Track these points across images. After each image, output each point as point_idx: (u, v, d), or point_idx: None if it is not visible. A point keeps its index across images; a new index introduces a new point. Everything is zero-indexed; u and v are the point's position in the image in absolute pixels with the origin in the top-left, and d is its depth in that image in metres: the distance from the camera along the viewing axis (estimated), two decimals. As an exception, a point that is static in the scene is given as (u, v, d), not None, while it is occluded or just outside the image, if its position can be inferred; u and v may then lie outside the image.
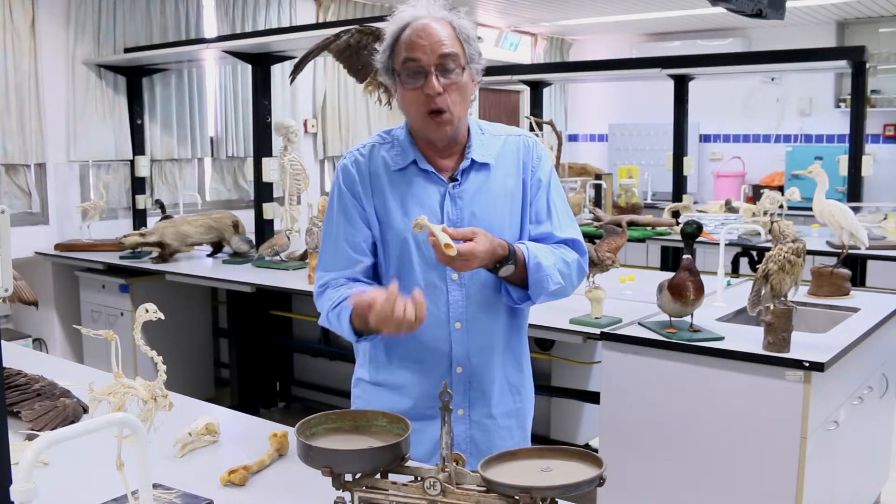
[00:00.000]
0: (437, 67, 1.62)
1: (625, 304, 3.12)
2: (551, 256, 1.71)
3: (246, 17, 5.90)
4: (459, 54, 1.64)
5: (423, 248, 1.69)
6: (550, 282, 1.69)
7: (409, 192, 1.71)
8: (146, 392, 1.47)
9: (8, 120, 4.64)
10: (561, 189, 1.84)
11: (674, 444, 2.66)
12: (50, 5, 4.84)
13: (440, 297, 1.70)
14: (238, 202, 5.98)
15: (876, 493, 3.34)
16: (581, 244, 1.81)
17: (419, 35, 1.62)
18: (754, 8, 3.53)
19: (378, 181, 1.73)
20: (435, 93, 1.62)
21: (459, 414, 1.74)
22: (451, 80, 1.63)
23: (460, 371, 1.74)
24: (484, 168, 1.73)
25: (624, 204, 5.94)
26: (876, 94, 7.34)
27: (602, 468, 1.19)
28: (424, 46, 1.61)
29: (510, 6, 7.18)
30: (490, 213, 1.71)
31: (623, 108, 8.75)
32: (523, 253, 1.66)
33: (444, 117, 1.64)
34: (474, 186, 1.72)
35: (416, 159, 1.71)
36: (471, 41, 1.67)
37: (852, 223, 3.50)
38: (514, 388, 1.82)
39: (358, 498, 1.27)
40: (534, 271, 1.66)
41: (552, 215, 1.78)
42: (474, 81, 1.72)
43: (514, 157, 1.77)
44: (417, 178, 1.72)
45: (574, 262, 1.77)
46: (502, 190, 1.74)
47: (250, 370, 4.59)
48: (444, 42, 1.62)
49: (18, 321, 4.96)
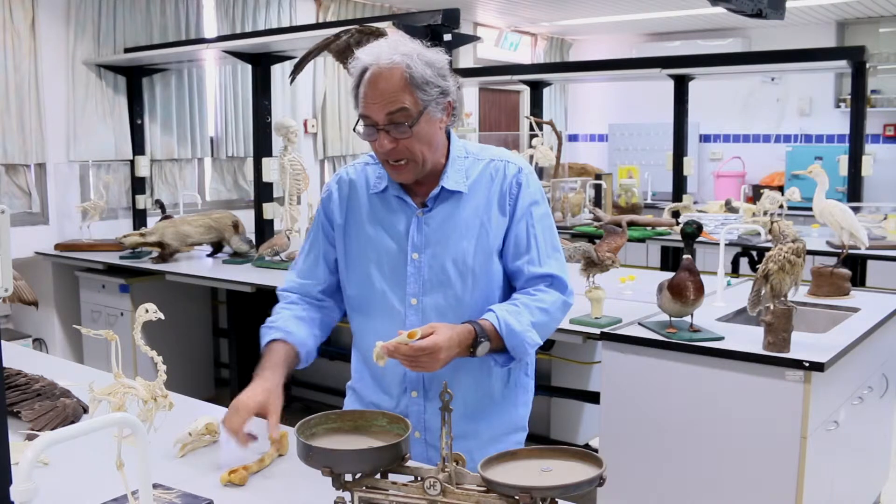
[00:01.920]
0: (387, 125, 1.61)
1: (625, 304, 3.12)
2: (524, 313, 1.66)
3: (246, 17, 5.90)
4: (409, 107, 1.59)
5: (385, 269, 1.73)
6: (528, 345, 1.67)
7: (380, 215, 1.75)
8: (146, 392, 1.47)
9: (8, 120, 4.64)
10: (547, 217, 1.77)
11: (674, 443, 2.66)
12: (50, 5, 4.84)
13: (397, 320, 1.71)
14: (238, 202, 5.98)
15: (876, 493, 3.34)
16: (562, 280, 1.74)
17: (368, 91, 1.61)
18: (754, 8, 3.53)
19: (356, 202, 1.78)
20: (386, 150, 1.62)
21: (416, 436, 1.74)
22: (403, 135, 1.61)
23: (415, 395, 1.75)
24: (455, 196, 1.71)
25: (624, 204, 5.93)
26: (876, 94, 7.35)
27: (602, 468, 1.19)
28: (373, 105, 1.61)
29: (510, 6, 7.18)
30: (456, 242, 1.70)
31: (623, 108, 8.75)
32: (493, 324, 1.63)
33: (404, 165, 1.65)
34: (443, 214, 1.71)
35: (388, 185, 1.74)
36: (426, 86, 1.60)
37: (852, 223, 3.50)
38: (478, 411, 1.78)
39: (358, 498, 1.27)
40: (508, 338, 1.64)
41: (531, 247, 1.72)
42: (443, 119, 1.67)
43: (491, 184, 1.72)
44: (391, 203, 1.75)
45: (553, 303, 1.71)
46: (473, 218, 1.71)
47: (250, 370, 4.54)
48: (392, 98, 1.59)
49: (18, 321, 4.96)
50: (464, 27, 7.11)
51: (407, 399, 1.76)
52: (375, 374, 1.81)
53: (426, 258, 1.70)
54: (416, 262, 1.71)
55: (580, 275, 2.92)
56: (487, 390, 1.78)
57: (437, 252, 1.70)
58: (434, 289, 1.70)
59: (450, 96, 1.66)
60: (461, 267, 1.70)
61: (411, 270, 1.71)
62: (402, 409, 1.76)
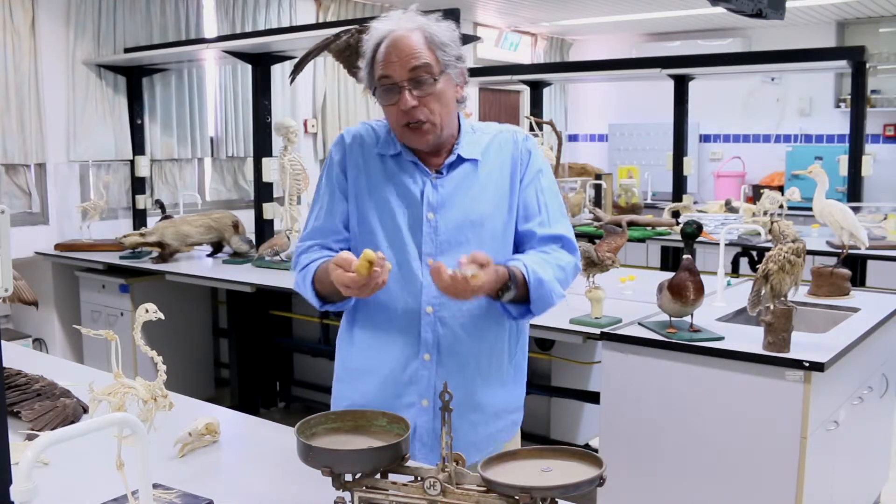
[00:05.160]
0: (410, 82, 1.63)
1: (625, 304, 3.12)
2: (549, 268, 1.69)
3: (246, 17, 5.90)
4: (432, 63, 1.64)
5: (400, 229, 1.71)
6: (554, 296, 1.69)
7: (394, 174, 1.74)
8: (146, 392, 1.47)
9: (8, 120, 4.64)
10: (553, 184, 1.82)
11: (674, 443, 2.66)
12: (50, 5, 4.84)
13: (413, 280, 1.70)
14: (238, 202, 5.98)
15: (876, 493, 3.34)
16: (572, 242, 1.79)
17: (390, 51, 1.64)
18: (754, 8, 3.53)
19: (368, 158, 1.76)
20: (409, 107, 1.63)
21: (423, 405, 1.73)
22: (426, 92, 1.64)
23: (428, 359, 1.72)
24: (470, 163, 1.74)
25: (624, 204, 5.94)
26: (876, 94, 7.35)
27: (602, 468, 1.19)
28: (394, 63, 1.63)
29: (510, 6, 7.18)
30: (471, 202, 1.72)
31: (623, 108, 8.75)
32: (522, 272, 1.65)
33: (425, 127, 1.67)
34: (458, 178, 1.73)
35: (402, 151, 1.74)
36: (445, 47, 1.66)
37: (852, 223, 3.50)
38: (487, 380, 1.77)
39: (358, 498, 1.27)
40: (536, 288, 1.65)
41: (542, 210, 1.77)
42: (460, 85, 1.72)
43: (502, 152, 1.77)
44: (404, 165, 1.74)
45: (569, 265, 1.76)
46: (488, 181, 1.74)
47: (250, 370, 4.59)
48: (415, 54, 1.63)
49: (18, 321, 4.96)
50: (464, 27, 7.10)
51: (418, 362, 1.73)
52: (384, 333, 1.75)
53: (442, 218, 1.71)
54: (432, 221, 1.71)
55: (580, 275, 2.92)
56: (498, 361, 1.79)
57: (453, 212, 1.71)
58: (450, 248, 1.70)
59: (464, 63, 1.71)
60: (477, 227, 1.71)
61: (427, 230, 1.71)
62: (409, 373, 1.73)
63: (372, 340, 1.78)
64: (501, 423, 1.82)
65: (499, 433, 1.81)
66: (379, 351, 1.76)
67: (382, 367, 1.75)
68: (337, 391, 1.87)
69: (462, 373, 1.73)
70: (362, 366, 1.79)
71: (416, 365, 1.73)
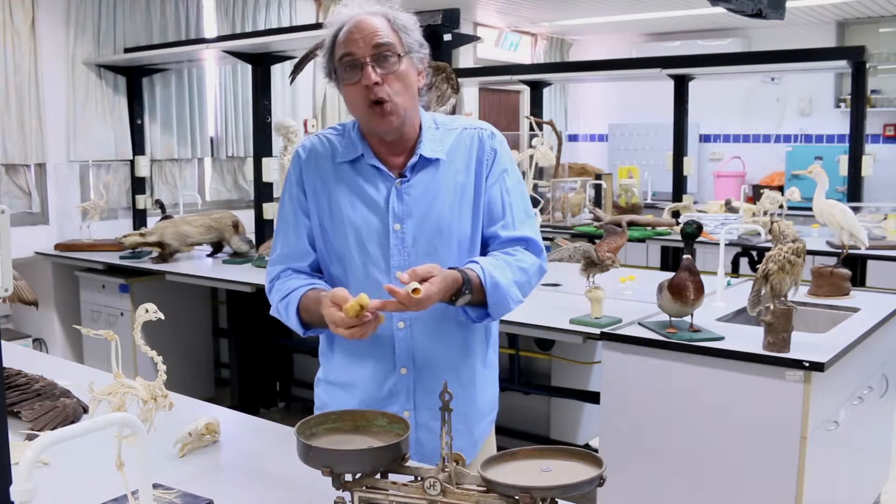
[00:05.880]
0: (373, 58, 1.60)
1: (625, 304, 3.12)
2: (507, 270, 1.65)
3: (246, 17, 5.90)
4: (395, 43, 1.62)
5: (366, 243, 1.67)
6: (511, 300, 1.65)
7: (355, 185, 1.69)
8: (146, 392, 1.46)
9: (8, 120, 4.64)
10: (519, 184, 1.78)
11: (674, 443, 2.66)
12: (50, 5, 4.84)
13: (382, 295, 1.64)
14: (238, 202, 5.98)
15: (876, 493, 3.34)
16: (537, 243, 1.75)
17: (352, 31, 1.62)
18: (754, 8, 3.53)
19: (326, 171, 1.71)
20: (372, 82, 1.60)
21: (405, 415, 1.70)
22: (388, 70, 1.61)
23: (404, 372, 1.71)
24: (434, 163, 1.70)
25: (624, 204, 5.93)
26: (876, 94, 7.35)
27: (602, 468, 1.19)
28: (357, 40, 1.61)
29: (510, 6, 7.18)
30: (439, 209, 1.68)
31: (623, 108, 8.75)
32: (478, 275, 1.61)
33: (387, 107, 1.61)
34: (423, 182, 1.69)
35: (363, 153, 1.70)
36: (408, 31, 1.65)
37: (852, 223, 3.50)
38: (464, 387, 1.75)
39: (358, 498, 1.27)
40: (492, 292, 1.62)
41: (506, 212, 1.73)
42: (421, 73, 1.69)
43: (466, 151, 1.72)
44: (365, 173, 1.70)
45: (532, 266, 1.71)
46: (452, 185, 1.70)
47: (250, 370, 4.59)
48: (378, 33, 1.61)
49: (18, 321, 4.96)
50: (464, 27, 7.10)
51: (395, 377, 1.71)
52: (359, 351, 1.72)
53: (409, 228, 1.67)
54: (399, 232, 1.67)
55: (580, 275, 2.93)
56: (472, 365, 1.77)
57: (420, 221, 1.67)
58: (418, 259, 1.65)
59: (426, 51, 1.69)
60: (445, 234, 1.68)
61: (394, 242, 1.67)
62: (388, 388, 1.71)
63: (350, 357, 1.75)
64: (481, 427, 1.81)
65: (479, 436, 1.81)
66: (357, 367, 1.74)
67: (361, 382, 1.74)
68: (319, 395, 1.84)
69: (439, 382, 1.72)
70: (341, 380, 1.78)
71: (394, 379, 1.71)
